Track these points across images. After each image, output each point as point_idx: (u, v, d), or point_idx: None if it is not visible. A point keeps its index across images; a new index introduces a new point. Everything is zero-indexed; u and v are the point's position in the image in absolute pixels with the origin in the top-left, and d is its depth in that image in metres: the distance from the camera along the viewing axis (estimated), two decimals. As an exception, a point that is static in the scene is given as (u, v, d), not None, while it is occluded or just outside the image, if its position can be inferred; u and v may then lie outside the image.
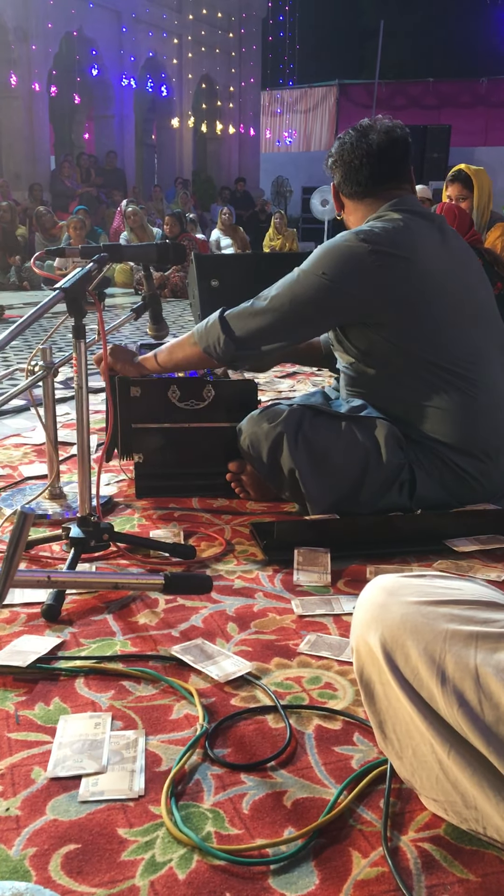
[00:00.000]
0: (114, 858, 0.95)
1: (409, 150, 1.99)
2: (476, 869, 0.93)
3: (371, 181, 1.95)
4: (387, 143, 1.93)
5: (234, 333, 1.92)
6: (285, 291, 1.90)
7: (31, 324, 1.47)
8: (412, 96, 18.67)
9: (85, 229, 8.44)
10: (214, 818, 1.01)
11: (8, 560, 0.86)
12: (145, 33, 13.86)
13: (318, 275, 1.88)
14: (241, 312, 1.94)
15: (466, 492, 1.96)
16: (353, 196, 2.01)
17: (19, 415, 3.15)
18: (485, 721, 0.86)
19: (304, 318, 1.91)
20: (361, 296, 1.88)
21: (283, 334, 1.93)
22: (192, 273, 5.23)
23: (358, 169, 1.95)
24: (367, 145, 1.93)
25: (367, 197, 1.98)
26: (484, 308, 2.00)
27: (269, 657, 1.40)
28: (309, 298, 1.89)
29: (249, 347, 1.94)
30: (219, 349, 1.94)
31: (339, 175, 2.00)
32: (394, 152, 1.95)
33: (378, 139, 1.93)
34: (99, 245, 1.78)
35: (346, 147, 1.96)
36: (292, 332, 1.94)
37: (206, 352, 1.96)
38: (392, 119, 1.99)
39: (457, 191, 4.17)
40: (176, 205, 11.89)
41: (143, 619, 1.53)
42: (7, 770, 1.10)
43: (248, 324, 1.92)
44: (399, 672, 0.94)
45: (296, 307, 1.89)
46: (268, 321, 1.90)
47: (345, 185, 2.00)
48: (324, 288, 1.87)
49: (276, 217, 10.79)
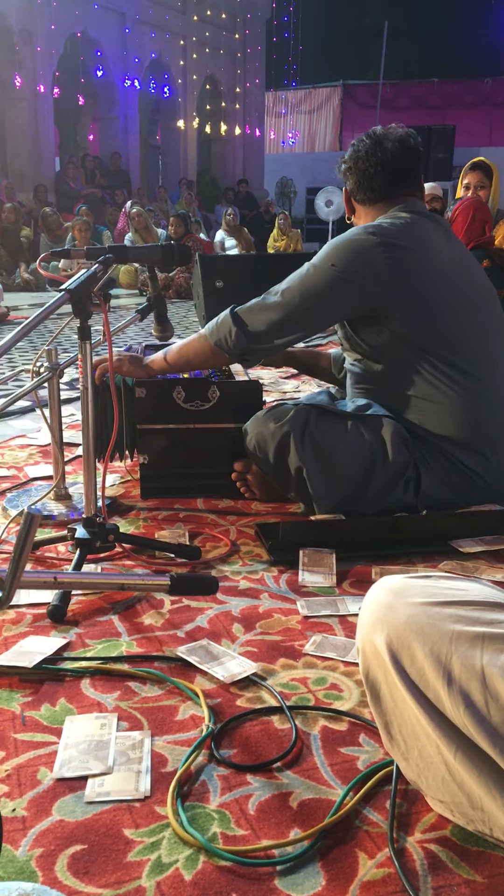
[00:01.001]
0: (120, 859, 0.95)
1: (420, 159, 2.04)
2: (482, 870, 0.93)
3: (384, 188, 2.00)
4: (401, 152, 1.98)
5: (246, 327, 1.94)
6: (296, 285, 1.93)
7: (36, 325, 1.48)
8: (416, 97, 18.68)
9: (90, 230, 8.46)
10: (220, 819, 1.01)
11: (15, 561, 0.86)
12: (149, 34, 13.88)
13: (328, 267, 1.91)
14: (253, 307, 1.96)
15: (471, 490, 1.96)
16: (365, 202, 2.05)
17: (25, 416, 3.16)
18: (491, 722, 0.86)
19: (315, 310, 1.94)
20: (371, 287, 1.90)
21: (295, 327, 1.95)
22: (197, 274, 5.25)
23: (372, 177, 1.99)
24: (381, 153, 1.97)
25: (378, 202, 2.02)
26: (489, 305, 2.03)
27: (275, 658, 1.40)
28: (320, 291, 1.91)
29: (262, 341, 1.95)
30: (230, 342, 1.95)
31: (352, 182, 2.04)
32: (407, 161, 1.99)
33: (392, 148, 1.97)
34: (104, 246, 1.79)
35: (360, 155, 2.00)
36: (304, 324, 1.96)
37: (217, 346, 1.98)
38: (404, 127, 2.03)
39: (477, 178, 4.34)
40: (180, 206, 11.91)
41: (148, 619, 1.53)
42: (13, 771, 1.10)
43: (260, 317, 1.94)
44: (405, 673, 0.93)
45: (307, 300, 1.92)
46: (280, 314, 1.93)
47: (358, 192, 2.04)
48: (334, 280, 1.90)
49: (280, 218, 10.79)
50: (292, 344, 2.01)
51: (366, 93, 18.31)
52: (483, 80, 18.03)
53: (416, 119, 16.67)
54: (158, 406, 2.16)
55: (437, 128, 13.09)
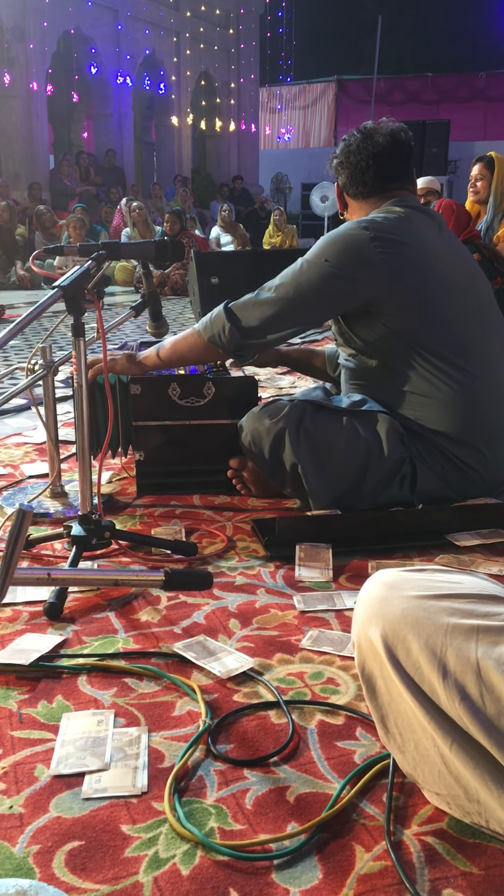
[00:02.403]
0: (117, 855, 0.95)
1: (412, 153, 2.04)
2: (479, 862, 0.93)
3: (376, 182, 2.00)
4: (392, 146, 1.98)
5: (239, 322, 1.94)
6: (290, 281, 1.93)
7: (29, 322, 1.47)
8: (411, 91, 18.64)
9: (84, 228, 8.45)
10: (217, 814, 1.01)
11: (7, 557, 0.86)
12: (142, 31, 13.84)
13: (321, 262, 1.91)
14: (247, 302, 1.96)
15: (467, 484, 1.96)
16: (357, 196, 2.04)
17: (20, 414, 3.16)
18: (486, 714, 0.87)
19: (309, 305, 1.94)
20: (365, 281, 1.90)
21: (288, 322, 1.95)
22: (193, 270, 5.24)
23: (364, 170, 1.99)
24: (372, 147, 1.98)
25: (371, 196, 2.02)
26: (483, 299, 2.03)
27: (272, 653, 1.40)
28: (313, 286, 1.91)
29: (255, 336, 1.95)
30: (224, 338, 1.95)
31: (344, 176, 2.04)
32: (398, 154, 2.00)
33: (383, 141, 1.98)
34: (97, 243, 1.78)
35: (351, 149, 2.00)
36: (297, 319, 1.96)
37: (210, 341, 1.97)
38: (395, 121, 2.03)
39: (478, 169, 4.38)
40: (175, 202, 11.88)
41: (145, 616, 1.53)
42: (10, 768, 1.10)
43: (254, 313, 1.94)
44: (400, 666, 0.94)
45: (300, 295, 1.91)
46: (273, 310, 1.92)
47: (350, 186, 2.04)
48: (328, 275, 1.90)
49: (275, 214, 10.78)
50: (286, 339, 2.01)
51: (360, 88, 18.26)
52: (477, 74, 17.99)
53: (410, 114, 16.64)
54: (154, 403, 2.16)
55: (431, 122, 13.05)
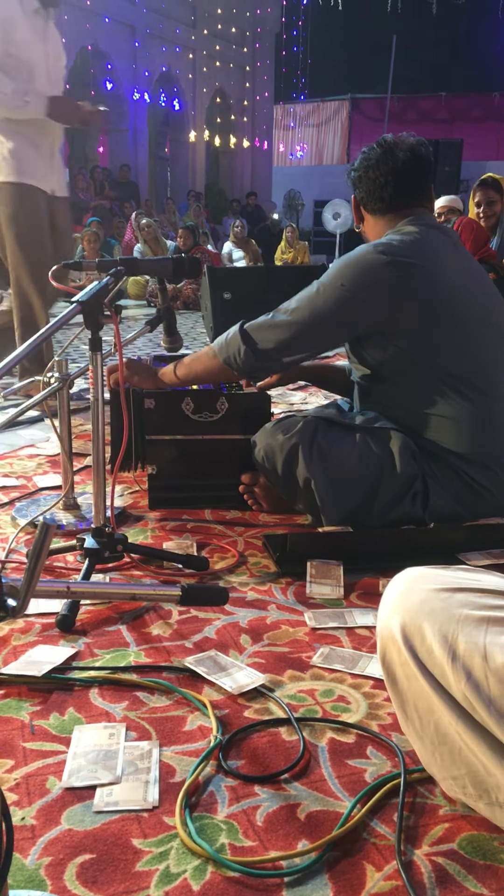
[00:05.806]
0: (128, 869, 0.95)
1: (431, 169, 2.02)
2: (490, 883, 0.93)
3: (394, 199, 1.99)
4: (411, 161, 1.96)
5: (255, 345, 1.94)
6: (305, 304, 1.93)
7: (48, 336, 1.49)
8: (424, 110, 18.76)
9: (99, 241, 8.51)
10: (228, 830, 1.02)
11: (30, 571, 0.87)
12: (159, 48, 13.99)
13: (337, 287, 1.90)
14: (262, 324, 1.96)
15: (479, 504, 1.96)
16: (374, 211, 2.04)
17: (33, 425, 3.17)
18: (490, 694, 0.91)
19: (324, 329, 1.94)
20: (380, 306, 1.90)
21: (304, 345, 1.95)
22: (205, 285, 5.26)
23: (383, 186, 1.98)
24: (392, 163, 1.96)
25: (388, 213, 2.01)
26: (499, 320, 2.02)
27: (283, 669, 1.40)
28: (329, 310, 1.91)
29: (270, 359, 1.96)
30: (239, 360, 1.96)
31: (362, 190, 2.03)
32: (418, 171, 1.98)
33: (403, 157, 1.95)
34: (115, 259, 1.80)
35: (371, 163, 1.98)
36: (313, 343, 1.97)
37: (226, 363, 1.98)
38: (415, 136, 2.01)
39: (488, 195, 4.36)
40: (189, 217, 11.96)
41: (156, 630, 1.54)
42: (22, 780, 1.11)
43: (269, 335, 1.94)
44: (415, 652, 0.99)
45: (316, 319, 1.92)
46: (289, 333, 1.93)
47: (368, 201, 2.03)
48: (343, 299, 1.90)
49: (287, 230, 10.85)
50: (301, 362, 2.02)
51: (374, 106, 18.39)
52: (491, 94, 18.10)
53: (423, 132, 16.49)
54: (167, 417, 2.17)
55: (444, 142, 13.09)
